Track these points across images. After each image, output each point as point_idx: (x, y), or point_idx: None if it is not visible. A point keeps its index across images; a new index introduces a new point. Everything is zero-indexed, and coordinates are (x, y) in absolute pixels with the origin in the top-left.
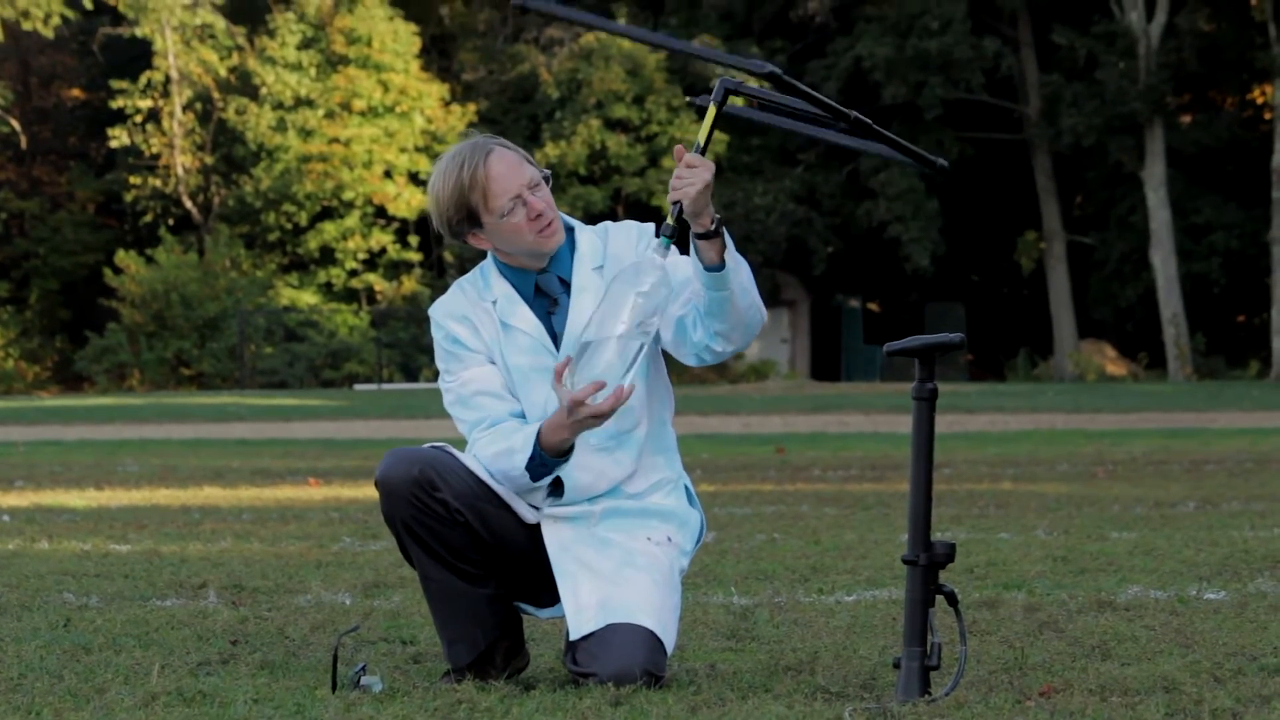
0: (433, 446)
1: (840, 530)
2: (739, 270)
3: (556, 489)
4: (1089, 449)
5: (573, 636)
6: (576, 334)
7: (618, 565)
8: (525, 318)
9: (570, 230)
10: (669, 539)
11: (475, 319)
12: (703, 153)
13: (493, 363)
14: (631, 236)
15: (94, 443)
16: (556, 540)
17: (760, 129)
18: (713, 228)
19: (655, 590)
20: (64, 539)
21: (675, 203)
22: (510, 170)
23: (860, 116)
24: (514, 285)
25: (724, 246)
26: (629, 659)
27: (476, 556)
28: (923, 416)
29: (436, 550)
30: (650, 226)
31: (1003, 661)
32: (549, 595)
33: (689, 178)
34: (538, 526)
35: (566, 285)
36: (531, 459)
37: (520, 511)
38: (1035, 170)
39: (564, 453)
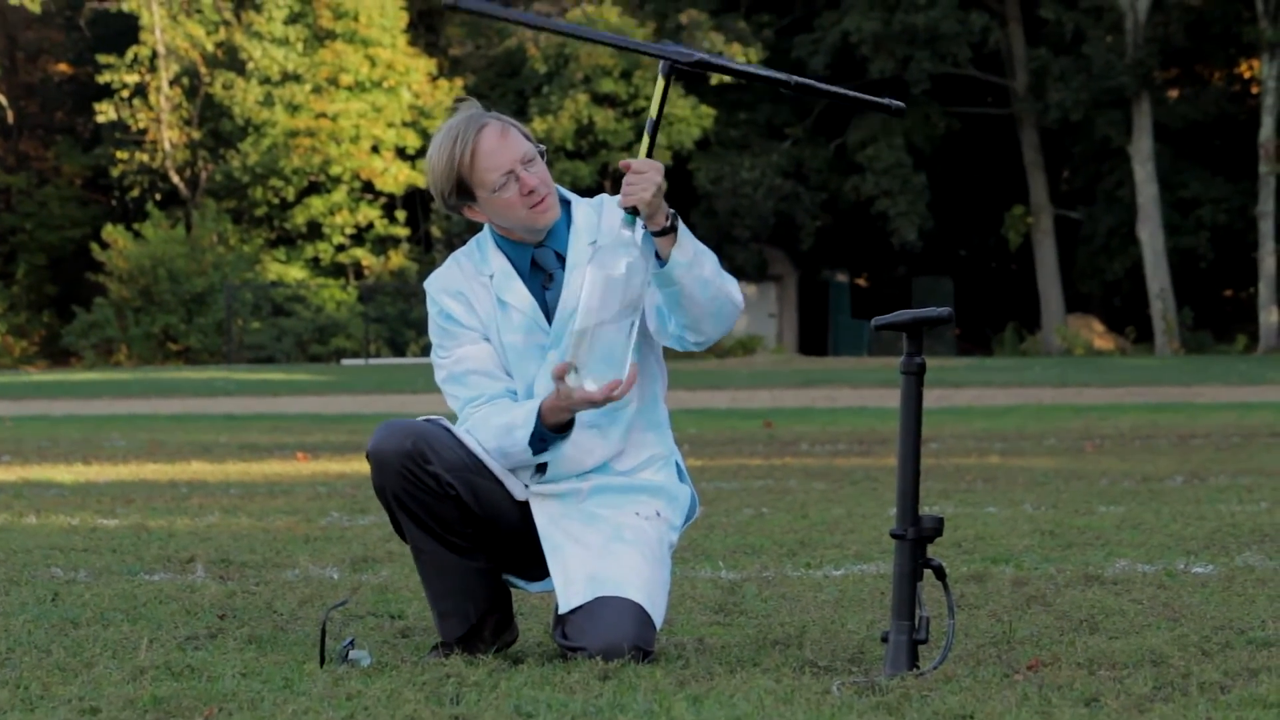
0: (425, 419)
1: (828, 505)
2: (694, 265)
3: (541, 467)
4: (1076, 423)
5: (561, 610)
6: (570, 310)
7: (606, 539)
8: (520, 294)
9: (566, 204)
10: (658, 513)
11: (471, 294)
12: (657, 125)
13: (487, 340)
14: (619, 215)
15: (81, 418)
16: (545, 515)
17: (749, 104)
18: (668, 224)
19: (644, 564)
20: (51, 513)
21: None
22: (502, 145)
23: (801, 80)
24: (510, 259)
25: (675, 243)
26: (617, 633)
27: (467, 529)
28: (911, 390)
29: (427, 523)
30: None
31: (991, 635)
32: (539, 569)
33: (639, 183)
34: (528, 502)
35: (562, 259)
36: (533, 435)
37: (510, 487)
38: (1023, 145)
39: (564, 428)
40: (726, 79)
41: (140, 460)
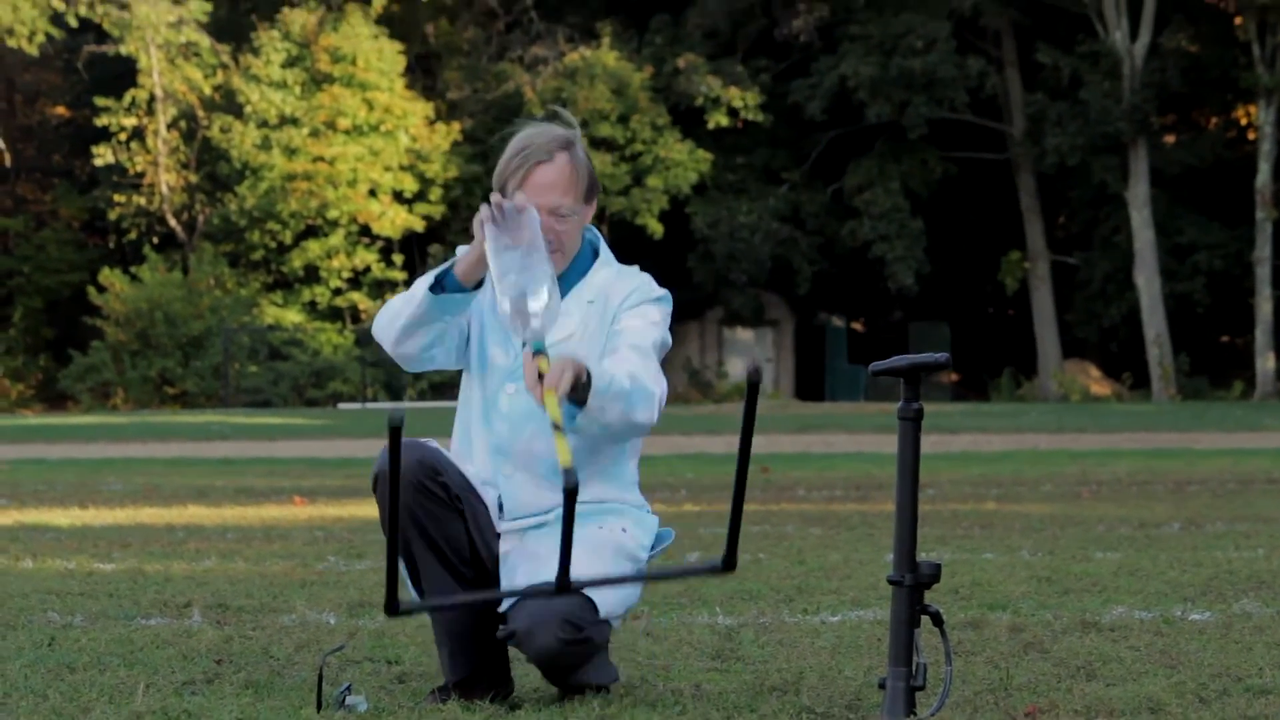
0: (422, 439)
1: (825, 550)
2: (599, 415)
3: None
4: (1073, 469)
5: (502, 607)
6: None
7: (555, 549)
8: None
9: (594, 255)
10: (624, 530)
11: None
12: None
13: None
14: (629, 288)
15: (78, 461)
16: (511, 541)
17: (746, 148)
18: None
19: (587, 556)
20: (48, 558)
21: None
22: (549, 186)
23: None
24: None
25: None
26: (546, 607)
27: (470, 558)
28: (908, 436)
29: (439, 544)
30: (646, 287)
31: (988, 682)
32: None
33: (559, 379)
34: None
35: None
36: (442, 274)
37: (492, 514)
38: (1019, 190)
39: (473, 284)
40: (723, 121)
41: (137, 504)
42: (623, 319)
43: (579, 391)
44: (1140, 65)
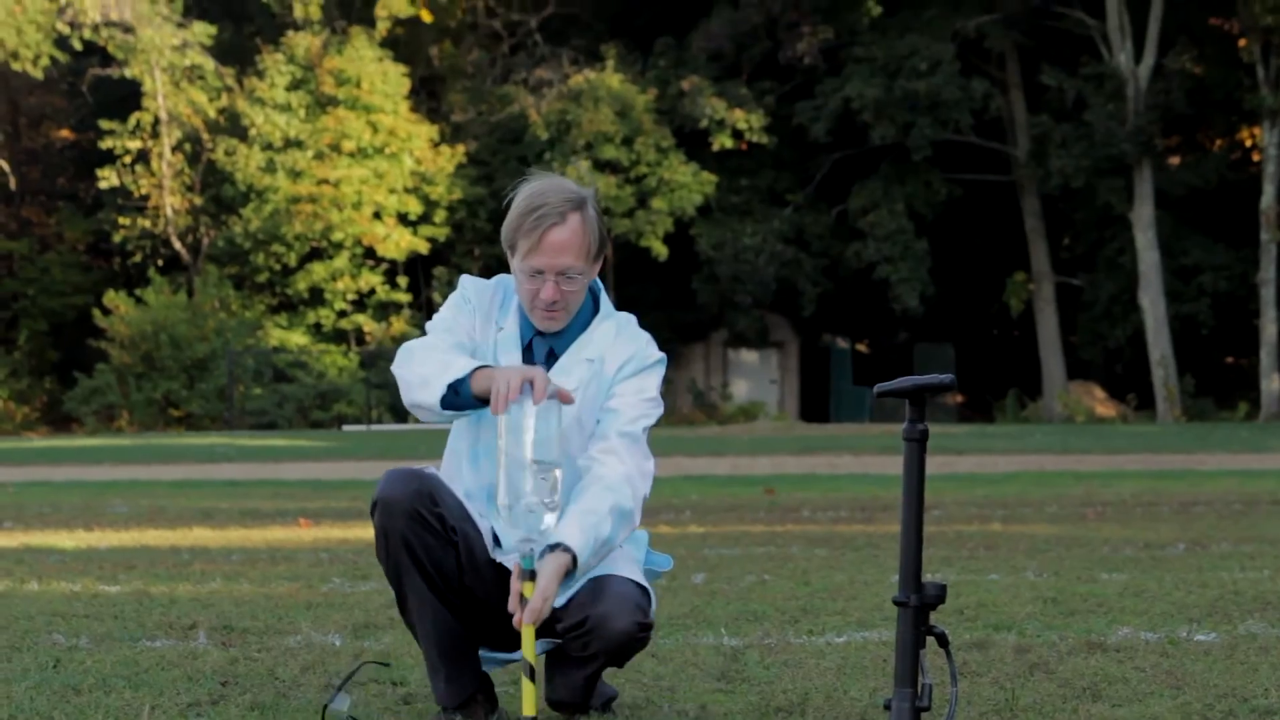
0: (423, 467)
1: (830, 571)
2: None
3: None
4: (1078, 490)
5: (559, 603)
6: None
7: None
8: (510, 363)
9: (595, 312)
10: (620, 546)
11: (480, 326)
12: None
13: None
14: (627, 353)
15: (83, 484)
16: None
17: (750, 170)
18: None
19: (623, 558)
20: (53, 580)
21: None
22: (559, 249)
23: None
24: (520, 328)
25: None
26: (621, 595)
27: (460, 587)
28: (913, 457)
29: (431, 574)
30: (644, 353)
31: (994, 703)
32: (513, 640)
33: (537, 608)
34: (500, 569)
35: (554, 359)
36: (457, 383)
37: (487, 541)
38: (1024, 211)
39: (482, 400)
40: (727, 143)
41: (142, 526)
42: (618, 392)
43: (568, 578)
44: (1145, 87)
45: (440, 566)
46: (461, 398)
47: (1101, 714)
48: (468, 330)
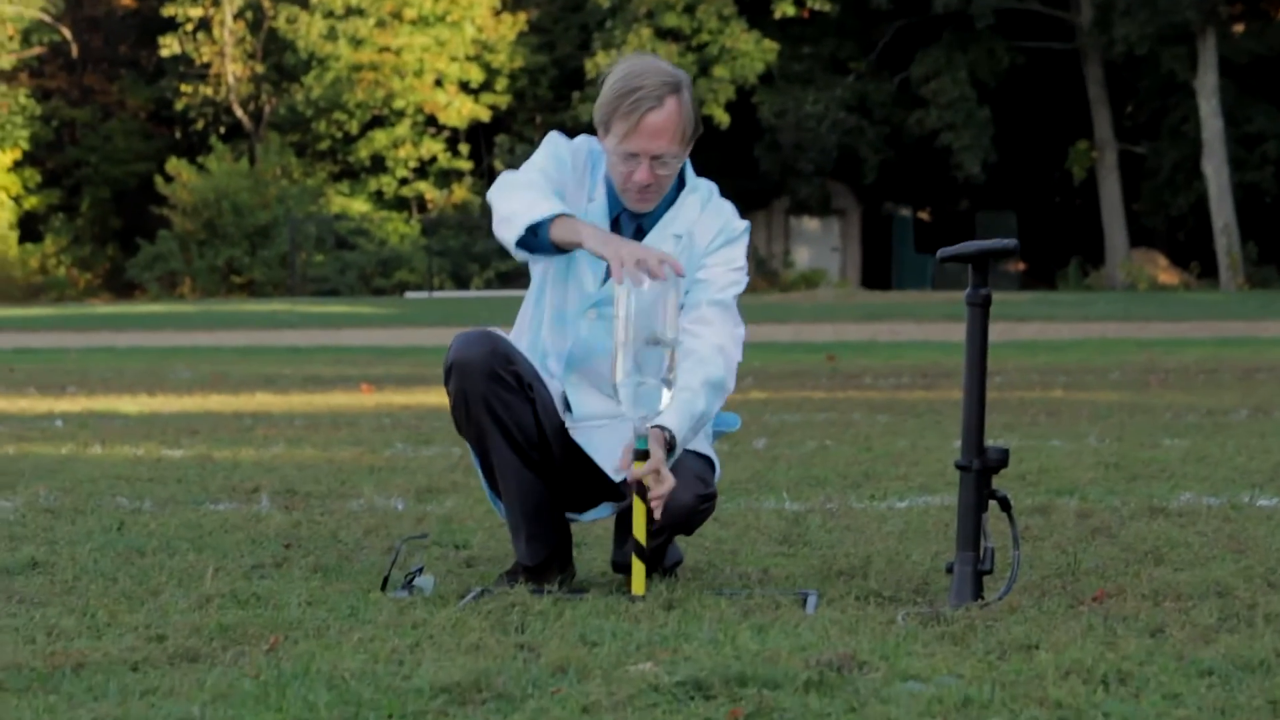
0: (490, 328)
1: (892, 437)
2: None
3: (568, 407)
4: (1140, 357)
5: (618, 478)
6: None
7: (622, 436)
8: None
9: (680, 187)
10: None
11: (573, 190)
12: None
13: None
14: (715, 227)
15: (146, 350)
16: (581, 434)
17: (813, 38)
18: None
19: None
20: (117, 444)
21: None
22: (657, 132)
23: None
24: (607, 201)
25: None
26: (682, 467)
27: (540, 443)
28: (976, 322)
29: (512, 431)
30: (730, 225)
31: (1055, 567)
32: (588, 498)
33: (663, 491)
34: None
35: (642, 234)
36: (537, 226)
37: (557, 405)
38: (1087, 79)
39: (562, 247)
40: (789, 11)
41: (205, 392)
42: (707, 264)
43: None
44: None
45: (521, 424)
46: (539, 239)
47: (1163, 578)
48: (562, 184)
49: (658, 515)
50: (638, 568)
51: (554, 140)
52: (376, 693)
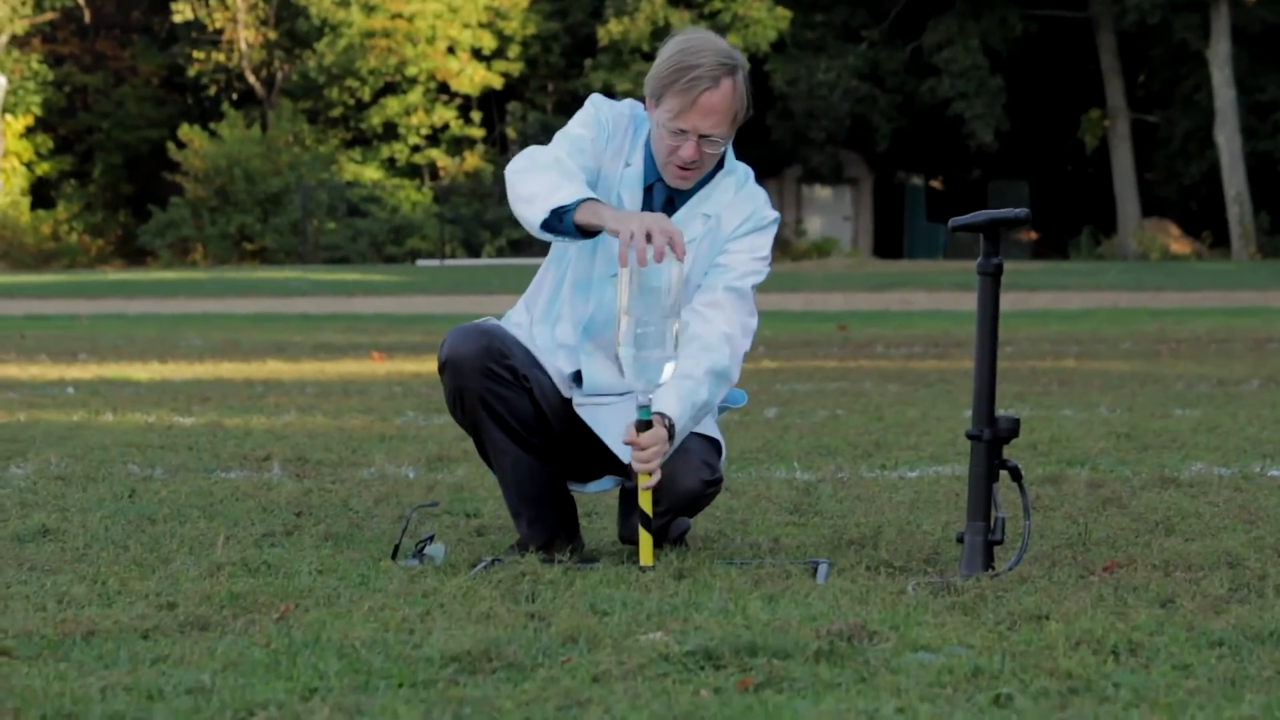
0: (485, 319)
1: (903, 407)
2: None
3: (578, 378)
4: (1152, 327)
5: (628, 459)
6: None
7: (631, 412)
8: (632, 204)
9: (718, 169)
10: None
11: (610, 156)
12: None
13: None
14: (744, 213)
15: (157, 317)
16: (588, 411)
17: (825, 6)
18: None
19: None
20: (128, 411)
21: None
22: (711, 111)
23: None
24: (644, 167)
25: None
26: (684, 453)
27: (541, 429)
28: (988, 291)
29: (509, 422)
30: (760, 213)
31: (1066, 537)
32: (591, 469)
33: (651, 457)
34: (569, 403)
35: (673, 207)
36: (561, 210)
37: (559, 385)
38: (1100, 48)
39: (585, 231)
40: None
41: (216, 359)
42: (731, 249)
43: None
44: None
45: (517, 415)
46: (563, 224)
47: (1174, 548)
48: (595, 155)
49: (644, 504)
50: (645, 539)
51: (595, 103)
52: (387, 661)
